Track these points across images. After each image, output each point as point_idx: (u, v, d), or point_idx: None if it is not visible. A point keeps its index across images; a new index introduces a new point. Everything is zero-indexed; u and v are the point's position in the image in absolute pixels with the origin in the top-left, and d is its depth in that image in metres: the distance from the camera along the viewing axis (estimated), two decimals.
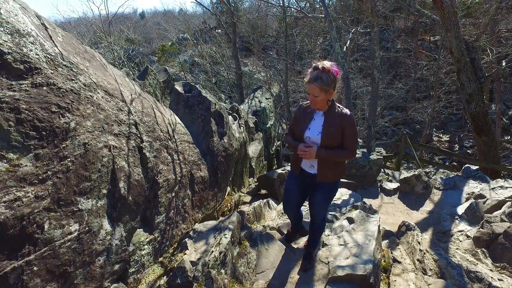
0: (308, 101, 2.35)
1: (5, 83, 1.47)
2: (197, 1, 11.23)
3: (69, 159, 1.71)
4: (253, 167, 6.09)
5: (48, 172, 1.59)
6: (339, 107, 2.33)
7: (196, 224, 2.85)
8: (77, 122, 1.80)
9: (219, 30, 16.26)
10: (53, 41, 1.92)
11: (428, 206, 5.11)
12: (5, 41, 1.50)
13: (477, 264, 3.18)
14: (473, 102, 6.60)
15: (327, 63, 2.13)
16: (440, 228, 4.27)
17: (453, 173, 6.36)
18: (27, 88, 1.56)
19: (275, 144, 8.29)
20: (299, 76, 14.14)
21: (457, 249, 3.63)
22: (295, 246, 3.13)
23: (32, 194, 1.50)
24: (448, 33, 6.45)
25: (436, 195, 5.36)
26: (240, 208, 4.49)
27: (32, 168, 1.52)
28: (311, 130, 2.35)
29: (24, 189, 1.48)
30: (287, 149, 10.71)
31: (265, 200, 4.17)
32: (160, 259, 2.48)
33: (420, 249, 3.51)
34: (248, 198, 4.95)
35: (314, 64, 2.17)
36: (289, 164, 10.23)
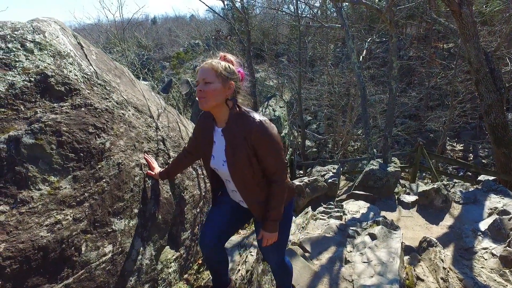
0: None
1: (48, 106, 1.48)
2: (211, 9, 11.33)
3: (104, 180, 1.71)
4: None
5: (85, 194, 1.59)
6: (240, 114, 1.58)
7: None
8: (112, 142, 1.81)
9: (231, 37, 16.39)
10: (88, 60, 1.93)
11: (448, 220, 5.01)
12: (49, 64, 1.51)
13: (507, 285, 3.08)
14: (492, 113, 6.48)
15: (231, 56, 1.63)
16: (462, 244, 4.17)
17: (473, 186, 6.23)
18: (68, 110, 1.57)
19: (288, 153, 8.26)
20: (311, 83, 14.12)
21: (482, 267, 3.53)
22: (318, 263, 3.09)
23: (70, 216, 1.50)
24: (467, 44, 6.36)
25: (456, 209, 5.25)
26: None
27: (70, 190, 1.53)
28: (216, 159, 1.70)
29: (64, 211, 1.48)
30: (300, 157, 10.64)
31: None
32: (185, 276, 2.46)
33: (443, 267, 3.42)
34: None
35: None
36: (301, 172, 10.14)
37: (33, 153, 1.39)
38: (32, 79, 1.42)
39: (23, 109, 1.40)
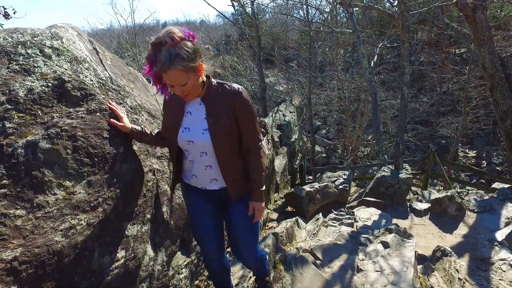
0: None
1: (64, 111, 1.49)
2: (221, 14, 11.44)
3: (117, 185, 1.71)
4: (278, 182, 6.03)
5: (99, 199, 1.59)
6: (220, 83, 1.62)
7: None
8: (125, 147, 1.81)
9: (241, 42, 16.51)
10: (103, 65, 1.95)
11: (462, 229, 4.88)
12: (66, 69, 1.52)
13: None
14: (508, 119, 6.33)
15: (175, 30, 1.38)
16: (478, 254, 4.05)
17: (487, 194, 6.08)
18: (83, 115, 1.57)
19: (298, 158, 8.23)
20: (321, 88, 14.08)
21: (500, 279, 3.42)
22: (330, 271, 3.04)
23: (84, 221, 1.50)
24: (481, 49, 6.24)
25: (471, 217, 5.12)
26: (268, 225, 4.43)
27: (85, 195, 1.53)
28: (191, 130, 1.61)
29: (78, 216, 1.48)
30: (310, 163, 10.56)
31: (293, 219, 4.09)
32: (196, 282, 2.45)
33: (459, 278, 3.33)
34: (275, 215, 4.88)
35: (153, 41, 1.39)
36: (310, 177, 10.05)
37: (50, 157, 1.40)
38: (50, 84, 1.44)
39: (40, 114, 1.41)
